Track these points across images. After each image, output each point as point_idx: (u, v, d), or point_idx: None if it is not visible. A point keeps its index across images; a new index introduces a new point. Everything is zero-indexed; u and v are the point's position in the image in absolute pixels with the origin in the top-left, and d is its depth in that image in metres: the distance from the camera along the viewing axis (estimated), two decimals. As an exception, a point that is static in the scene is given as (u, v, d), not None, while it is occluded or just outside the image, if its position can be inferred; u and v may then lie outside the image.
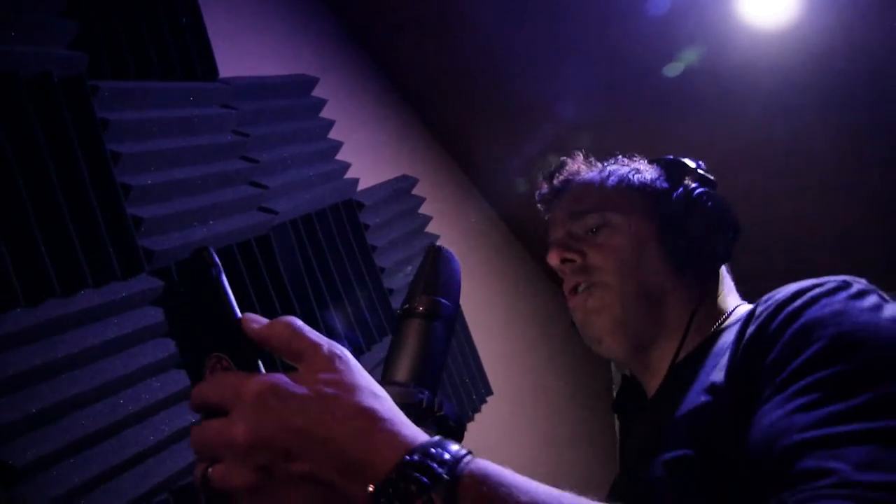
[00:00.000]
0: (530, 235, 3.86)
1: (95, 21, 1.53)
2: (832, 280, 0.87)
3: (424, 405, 0.76)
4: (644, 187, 1.20)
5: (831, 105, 2.85)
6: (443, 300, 0.85)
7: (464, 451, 0.60)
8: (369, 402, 0.63)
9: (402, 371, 0.80)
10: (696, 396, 0.92)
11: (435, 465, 0.58)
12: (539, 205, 1.32)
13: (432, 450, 0.59)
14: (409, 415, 0.75)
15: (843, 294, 0.84)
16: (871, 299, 0.83)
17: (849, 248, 3.26)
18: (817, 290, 0.85)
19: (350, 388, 0.63)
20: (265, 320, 0.69)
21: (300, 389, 0.63)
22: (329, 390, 0.62)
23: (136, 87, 1.58)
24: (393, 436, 0.61)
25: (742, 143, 2.98)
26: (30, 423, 1.18)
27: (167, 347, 1.43)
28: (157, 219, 1.50)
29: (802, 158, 3.07)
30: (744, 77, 2.82)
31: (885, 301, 0.85)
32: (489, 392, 2.80)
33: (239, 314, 0.68)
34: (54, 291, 1.27)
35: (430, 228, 2.72)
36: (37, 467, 1.16)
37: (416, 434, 0.62)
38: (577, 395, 4.10)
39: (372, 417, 0.61)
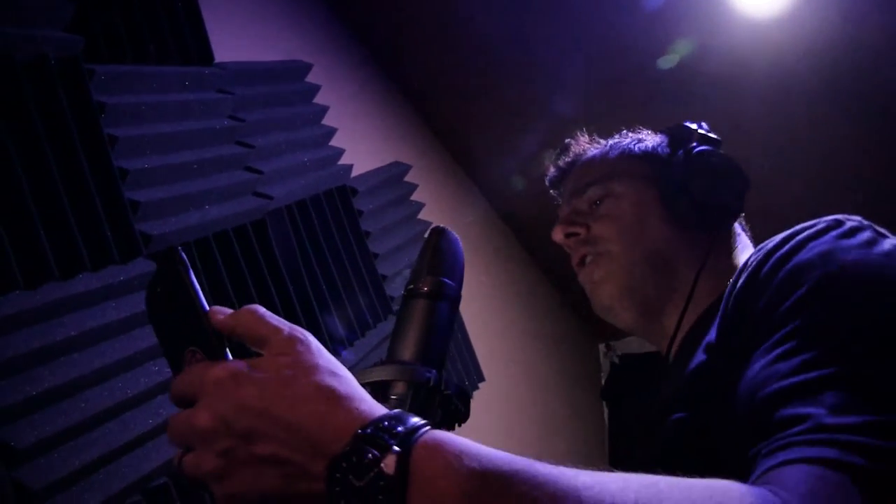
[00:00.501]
0: (523, 226, 3.86)
1: (91, 4, 1.52)
2: (823, 220, 0.83)
3: (432, 384, 0.76)
4: (646, 155, 1.20)
5: (830, 94, 2.85)
6: (447, 280, 0.85)
7: (420, 423, 0.61)
8: (328, 381, 0.63)
9: (409, 350, 0.80)
10: (698, 357, 0.90)
11: (386, 437, 0.58)
12: (550, 189, 1.32)
13: (385, 423, 0.60)
14: (417, 394, 0.76)
15: (833, 233, 0.80)
16: (864, 235, 0.79)
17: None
18: (806, 233, 0.81)
19: (309, 369, 0.64)
20: (230, 311, 0.70)
21: (260, 373, 0.64)
22: (288, 372, 0.64)
23: (132, 70, 1.57)
24: (349, 412, 0.61)
25: (742, 131, 2.99)
26: (30, 406, 1.18)
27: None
28: (154, 203, 1.50)
29: (803, 146, 3.07)
30: (742, 67, 2.82)
31: (883, 236, 0.80)
32: (481, 378, 2.81)
33: (207, 307, 0.70)
34: (53, 275, 1.27)
35: (423, 215, 2.72)
36: (38, 449, 1.16)
37: (374, 409, 0.63)
38: (566, 383, 4.12)
39: (330, 396, 0.62)
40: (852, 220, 0.83)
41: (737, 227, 1.18)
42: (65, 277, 1.30)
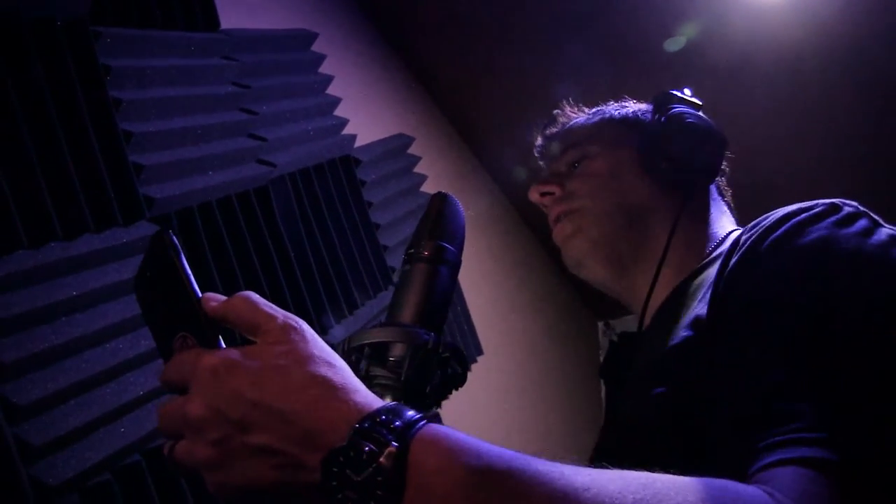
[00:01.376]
0: (525, 202, 3.86)
1: (98, -34, 1.51)
2: (820, 204, 0.82)
3: (430, 346, 0.76)
4: (625, 119, 1.21)
5: (838, 74, 2.84)
6: (448, 245, 0.85)
7: (417, 417, 0.61)
8: (322, 371, 0.63)
9: (408, 312, 0.80)
10: (682, 331, 0.88)
11: (384, 432, 0.58)
12: (539, 160, 1.32)
13: (382, 417, 0.59)
14: (415, 355, 0.75)
15: (831, 219, 0.79)
16: (861, 224, 0.78)
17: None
18: (803, 216, 0.80)
19: (303, 359, 0.64)
20: (223, 297, 0.70)
21: (253, 362, 0.63)
22: (282, 361, 0.63)
23: (138, 34, 1.57)
24: (344, 404, 0.61)
25: (744, 122, 2.98)
26: (32, 364, 1.18)
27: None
28: (158, 166, 1.50)
29: (811, 126, 3.06)
30: (750, 49, 2.80)
31: (879, 225, 0.79)
32: (480, 352, 2.82)
33: (199, 293, 0.69)
34: (56, 235, 1.28)
35: (425, 188, 2.72)
36: (39, 406, 1.17)
37: (370, 401, 0.62)
38: (565, 360, 4.14)
39: (324, 386, 0.62)
40: (849, 206, 0.82)
41: (714, 192, 1.17)
42: (68, 238, 1.30)
